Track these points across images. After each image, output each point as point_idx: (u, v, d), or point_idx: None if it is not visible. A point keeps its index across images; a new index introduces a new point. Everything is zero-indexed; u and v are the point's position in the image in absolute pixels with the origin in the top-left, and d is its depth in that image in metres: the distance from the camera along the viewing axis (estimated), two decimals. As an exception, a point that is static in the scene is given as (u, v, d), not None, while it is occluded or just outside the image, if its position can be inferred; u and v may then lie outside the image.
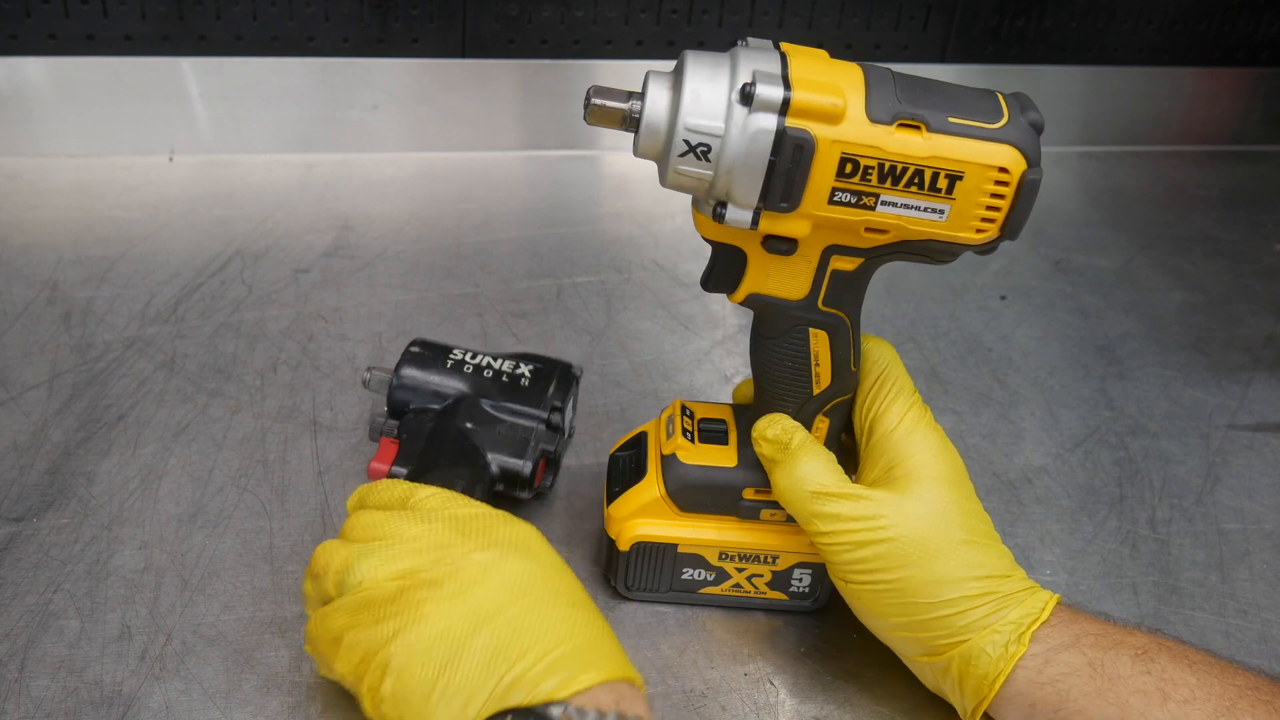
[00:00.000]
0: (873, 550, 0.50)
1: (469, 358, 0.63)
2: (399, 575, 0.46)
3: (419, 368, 0.62)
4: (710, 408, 0.59)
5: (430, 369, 0.62)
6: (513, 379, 0.62)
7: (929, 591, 0.49)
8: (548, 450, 0.60)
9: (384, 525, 0.48)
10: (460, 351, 0.63)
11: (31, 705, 0.51)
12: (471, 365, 0.62)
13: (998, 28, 1.03)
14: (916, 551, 0.50)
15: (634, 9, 0.96)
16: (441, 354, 0.63)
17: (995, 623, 0.49)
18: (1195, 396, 0.79)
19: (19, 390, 0.69)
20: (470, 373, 0.62)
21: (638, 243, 0.90)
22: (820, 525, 0.51)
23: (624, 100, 0.47)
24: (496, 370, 0.62)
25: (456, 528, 0.47)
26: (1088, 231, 0.98)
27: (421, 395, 0.62)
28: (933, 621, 0.50)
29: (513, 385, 0.62)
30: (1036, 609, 0.50)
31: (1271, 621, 0.62)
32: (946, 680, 0.52)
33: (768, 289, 0.51)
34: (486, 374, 0.62)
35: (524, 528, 0.48)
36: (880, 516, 0.50)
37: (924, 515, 0.50)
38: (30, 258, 0.82)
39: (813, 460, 0.52)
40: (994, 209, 0.47)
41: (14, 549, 0.59)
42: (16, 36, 0.89)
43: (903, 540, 0.50)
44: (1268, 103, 1.11)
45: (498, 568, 0.46)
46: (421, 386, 0.62)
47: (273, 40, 0.93)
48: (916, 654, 0.52)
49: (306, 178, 0.94)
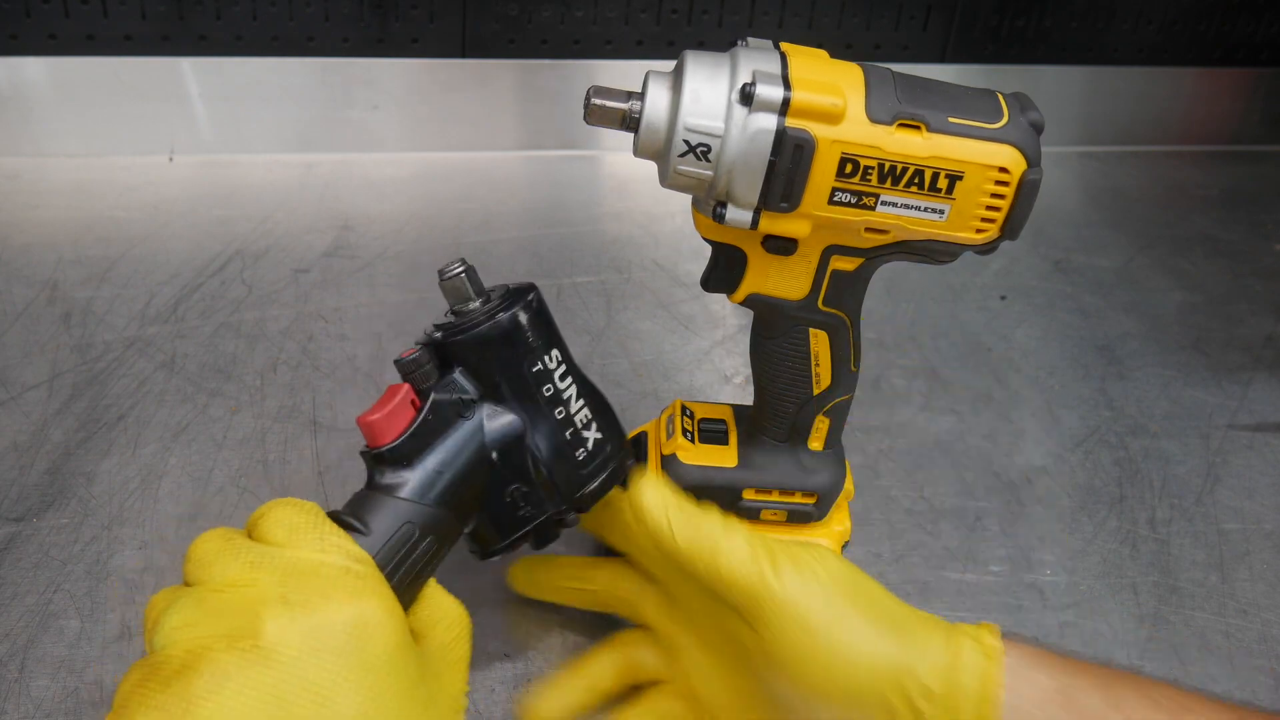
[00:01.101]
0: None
1: (559, 377, 0.48)
2: (192, 644, 0.36)
3: (511, 341, 0.47)
4: (710, 408, 0.59)
5: (522, 352, 0.47)
6: (574, 441, 0.48)
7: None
8: (533, 545, 0.49)
9: (211, 563, 0.38)
10: (558, 356, 0.48)
11: (31, 705, 0.51)
12: (554, 389, 0.48)
13: (998, 28, 1.03)
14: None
15: (634, 9, 0.96)
16: (545, 343, 0.48)
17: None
18: (1195, 396, 0.79)
19: (19, 390, 0.69)
20: (548, 394, 0.47)
21: (638, 243, 0.90)
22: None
23: (624, 100, 0.47)
24: (571, 415, 0.48)
25: (286, 583, 0.37)
26: (1088, 231, 0.98)
27: (487, 372, 0.47)
28: None
29: (568, 446, 0.48)
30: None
31: (1271, 621, 0.62)
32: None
33: (768, 289, 0.51)
34: (558, 412, 0.48)
35: (376, 604, 0.38)
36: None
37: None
38: (30, 258, 0.82)
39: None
40: (994, 209, 0.47)
41: (14, 549, 0.59)
42: (16, 36, 0.89)
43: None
44: (1268, 103, 1.11)
45: (311, 662, 0.36)
46: (498, 363, 0.47)
47: (273, 40, 0.93)
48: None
49: (306, 178, 0.94)
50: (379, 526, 0.43)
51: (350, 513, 0.43)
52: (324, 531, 0.40)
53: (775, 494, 0.56)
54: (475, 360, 0.47)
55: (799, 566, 0.45)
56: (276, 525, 0.40)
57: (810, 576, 0.45)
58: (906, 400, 0.76)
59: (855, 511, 0.65)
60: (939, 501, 0.68)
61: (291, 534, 0.39)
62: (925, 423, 0.74)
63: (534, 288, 0.49)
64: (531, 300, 0.48)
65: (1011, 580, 0.63)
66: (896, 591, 0.62)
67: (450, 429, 0.46)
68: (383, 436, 0.45)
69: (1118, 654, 0.60)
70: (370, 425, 0.45)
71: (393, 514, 0.44)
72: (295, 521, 0.40)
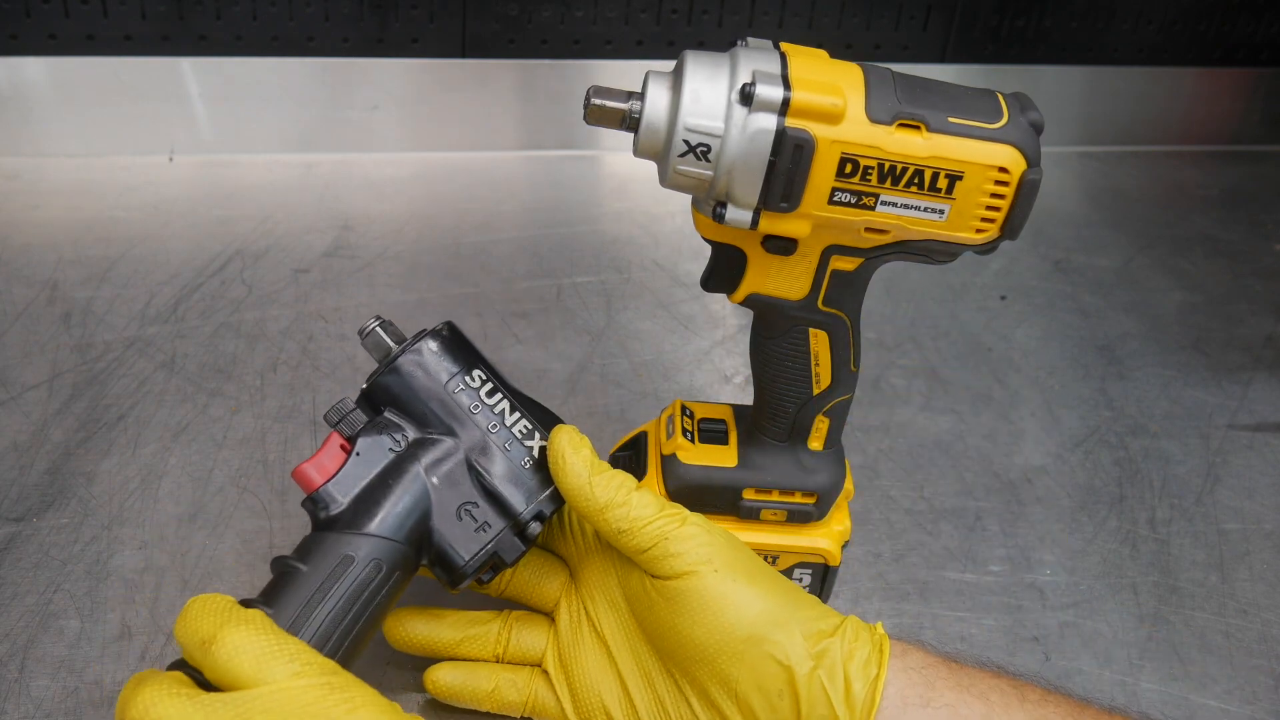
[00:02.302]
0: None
1: (486, 394, 0.50)
2: None
3: (426, 369, 0.50)
4: (710, 408, 0.59)
5: (441, 377, 0.50)
6: (515, 452, 0.50)
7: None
8: (502, 561, 0.49)
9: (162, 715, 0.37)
10: (481, 376, 0.50)
11: (31, 705, 0.51)
12: (482, 406, 0.50)
13: (998, 28, 1.03)
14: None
15: (634, 9, 0.96)
16: (464, 365, 0.50)
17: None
18: (1195, 396, 0.79)
19: (19, 390, 0.69)
20: (477, 412, 0.49)
21: (638, 243, 0.90)
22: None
23: (624, 100, 0.47)
24: (507, 427, 0.50)
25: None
26: (1088, 231, 0.98)
27: (412, 404, 0.49)
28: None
29: (510, 458, 0.49)
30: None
31: (1271, 621, 0.62)
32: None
33: (768, 289, 0.51)
34: (492, 429, 0.50)
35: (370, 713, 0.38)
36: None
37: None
38: (30, 258, 0.82)
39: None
40: (994, 209, 0.47)
41: (14, 549, 0.59)
42: (16, 36, 0.89)
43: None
44: (1268, 103, 1.11)
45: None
46: (419, 393, 0.49)
47: (273, 40, 0.93)
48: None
49: (306, 178, 0.94)
50: (316, 563, 0.45)
51: (291, 560, 0.46)
52: (288, 649, 0.39)
53: (775, 494, 0.56)
54: (399, 396, 0.49)
55: (704, 520, 0.49)
56: (237, 655, 0.38)
57: (713, 528, 0.48)
58: (906, 400, 0.76)
59: (855, 511, 0.65)
60: (939, 501, 0.68)
61: (259, 665, 0.38)
62: (925, 423, 0.74)
63: (447, 323, 0.51)
64: (441, 329, 0.51)
65: (1011, 580, 0.63)
66: (896, 591, 0.62)
67: (383, 463, 0.48)
68: (315, 482, 0.47)
69: (1118, 654, 0.60)
70: (301, 473, 0.48)
71: (332, 548, 0.46)
72: (251, 646, 0.39)
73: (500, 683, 0.52)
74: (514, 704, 0.52)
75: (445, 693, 0.53)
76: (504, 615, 0.54)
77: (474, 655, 0.53)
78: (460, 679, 0.52)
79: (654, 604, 0.48)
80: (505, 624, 0.53)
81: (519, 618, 0.54)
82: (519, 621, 0.53)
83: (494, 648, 0.53)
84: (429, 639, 0.53)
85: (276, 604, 0.44)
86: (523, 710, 0.53)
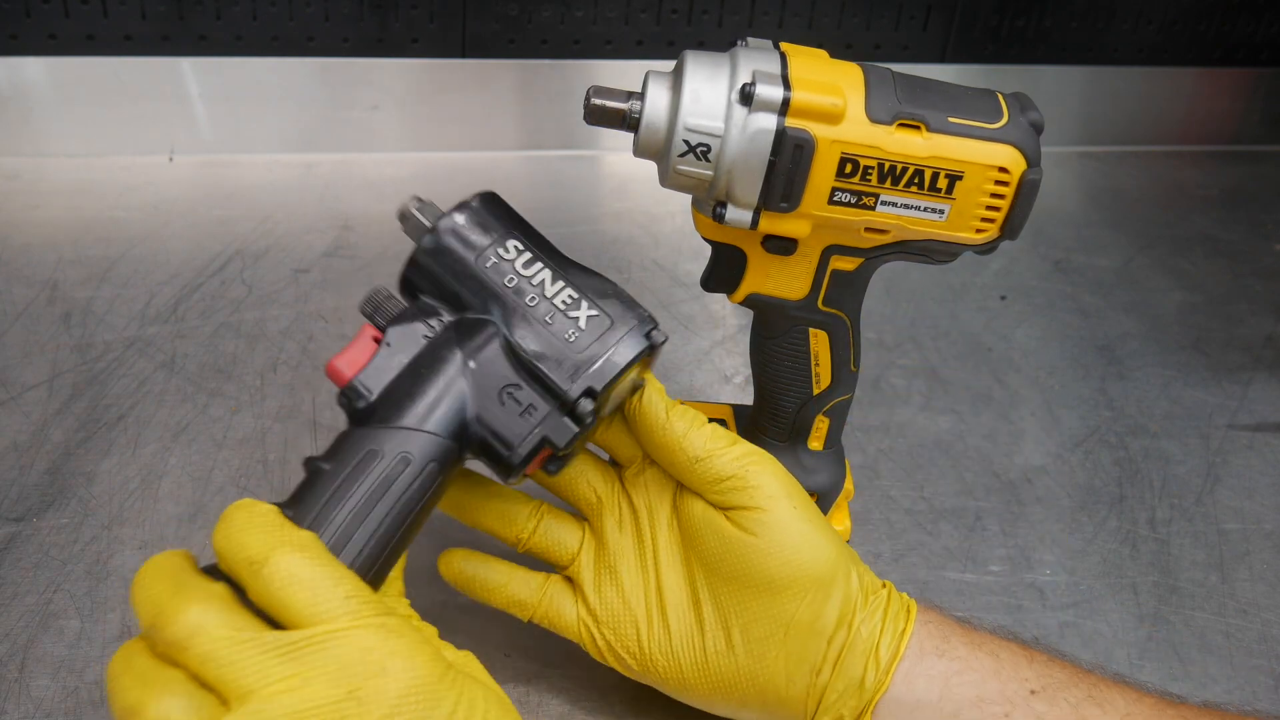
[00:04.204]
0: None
1: (522, 265, 0.46)
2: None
3: (454, 246, 0.46)
4: (710, 408, 0.59)
5: (471, 252, 0.46)
6: (559, 324, 0.45)
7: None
8: (553, 445, 0.45)
9: (223, 658, 0.34)
10: (518, 246, 0.46)
11: (31, 705, 0.51)
12: (518, 278, 0.45)
13: (998, 28, 1.03)
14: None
15: (634, 9, 0.96)
16: (498, 237, 0.46)
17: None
18: (1195, 396, 0.79)
19: (19, 390, 0.69)
20: (512, 285, 0.45)
21: (638, 243, 0.90)
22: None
23: (624, 100, 0.47)
24: (547, 298, 0.45)
25: (340, 685, 0.35)
26: (1088, 231, 0.98)
27: (445, 285, 0.46)
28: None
29: (553, 331, 0.45)
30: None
31: (1271, 621, 0.62)
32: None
33: (768, 289, 0.51)
34: (530, 299, 0.45)
35: (416, 660, 0.36)
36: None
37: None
38: (30, 258, 0.82)
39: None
40: (994, 209, 0.47)
41: (14, 549, 0.59)
42: (16, 36, 0.89)
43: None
44: (1268, 103, 1.11)
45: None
46: (450, 272, 0.46)
47: (273, 40, 0.93)
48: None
49: (306, 178, 0.94)
50: (340, 460, 0.42)
51: (318, 460, 0.43)
52: (344, 585, 0.37)
53: (775, 494, 0.56)
54: (431, 279, 0.46)
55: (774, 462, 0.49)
56: (292, 585, 0.36)
57: (783, 470, 0.49)
58: (906, 400, 0.76)
59: (855, 511, 0.65)
60: (939, 501, 0.68)
61: (315, 600, 0.36)
62: (925, 423, 0.74)
63: (480, 193, 0.48)
64: (470, 201, 0.47)
65: (1011, 580, 0.63)
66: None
67: (414, 351, 0.45)
68: (345, 376, 0.44)
69: (1118, 654, 0.60)
70: (332, 368, 0.45)
71: (357, 443, 0.43)
72: (306, 576, 0.36)
73: (514, 579, 0.51)
74: (525, 603, 0.51)
75: (457, 577, 0.52)
76: (535, 503, 0.52)
77: (497, 531, 0.52)
78: (474, 567, 0.52)
79: (722, 533, 0.47)
80: (536, 511, 0.52)
81: (551, 510, 0.52)
82: (550, 514, 0.52)
83: (519, 530, 0.51)
84: (454, 504, 0.52)
85: (297, 504, 0.42)
86: (532, 612, 0.51)
